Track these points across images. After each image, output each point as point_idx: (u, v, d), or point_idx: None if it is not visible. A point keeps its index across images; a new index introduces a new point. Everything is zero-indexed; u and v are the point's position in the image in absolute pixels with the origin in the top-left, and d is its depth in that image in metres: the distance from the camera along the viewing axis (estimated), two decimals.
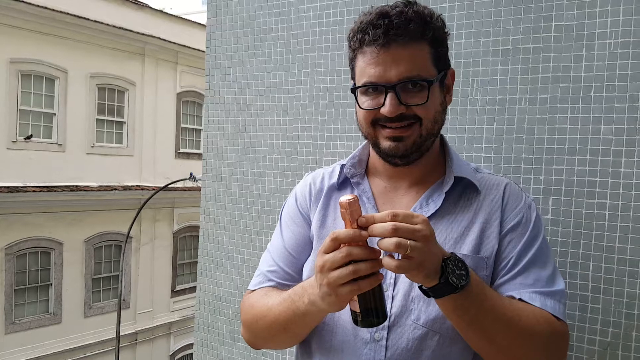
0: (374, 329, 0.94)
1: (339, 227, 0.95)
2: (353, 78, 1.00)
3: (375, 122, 0.96)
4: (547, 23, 1.38)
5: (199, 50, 12.13)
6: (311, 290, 0.86)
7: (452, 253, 0.83)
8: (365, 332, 0.96)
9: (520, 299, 0.91)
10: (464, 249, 0.95)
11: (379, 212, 1.00)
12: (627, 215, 1.29)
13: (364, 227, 0.78)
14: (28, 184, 10.00)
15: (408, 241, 0.75)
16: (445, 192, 0.98)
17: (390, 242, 0.75)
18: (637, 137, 1.28)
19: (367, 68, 0.93)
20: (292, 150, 1.84)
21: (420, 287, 0.85)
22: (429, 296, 0.84)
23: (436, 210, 0.98)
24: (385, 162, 1.02)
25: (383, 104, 0.92)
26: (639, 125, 1.28)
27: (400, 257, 0.78)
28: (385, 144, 0.96)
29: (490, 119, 1.46)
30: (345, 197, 0.79)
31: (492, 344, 0.88)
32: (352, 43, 0.97)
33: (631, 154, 1.29)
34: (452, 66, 1.50)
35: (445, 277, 0.80)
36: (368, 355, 0.95)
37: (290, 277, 1.06)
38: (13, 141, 9.95)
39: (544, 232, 1.01)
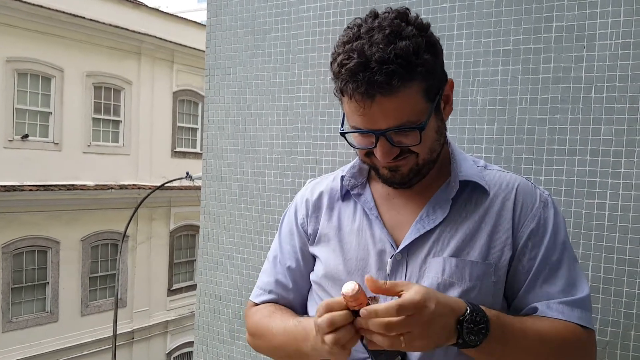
0: None
1: (361, 231, 1.00)
2: (341, 103, 0.93)
3: (370, 153, 0.93)
4: (548, 23, 1.39)
5: (194, 49, 12.10)
6: (314, 340, 0.87)
7: (467, 307, 0.83)
8: None
9: (545, 316, 0.91)
10: (473, 255, 0.93)
11: (383, 222, 0.99)
12: (626, 215, 1.30)
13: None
14: (25, 183, 9.96)
15: (401, 338, 0.77)
16: (452, 198, 0.96)
17: (383, 341, 0.78)
18: (638, 138, 1.29)
19: (353, 115, 0.88)
20: (292, 150, 1.84)
21: None
22: None
23: (444, 218, 0.96)
24: None
25: (375, 145, 0.89)
26: (639, 126, 1.29)
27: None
28: (383, 171, 0.95)
29: (490, 120, 1.47)
30: (348, 287, 0.79)
31: None
32: (334, 80, 0.89)
33: (631, 154, 1.29)
34: (453, 67, 1.51)
35: (463, 338, 0.81)
36: None
37: (290, 289, 1.08)
38: (10, 140, 9.90)
39: (565, 225, 0.98)
